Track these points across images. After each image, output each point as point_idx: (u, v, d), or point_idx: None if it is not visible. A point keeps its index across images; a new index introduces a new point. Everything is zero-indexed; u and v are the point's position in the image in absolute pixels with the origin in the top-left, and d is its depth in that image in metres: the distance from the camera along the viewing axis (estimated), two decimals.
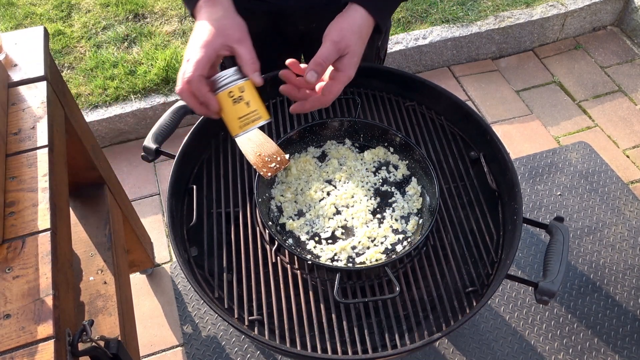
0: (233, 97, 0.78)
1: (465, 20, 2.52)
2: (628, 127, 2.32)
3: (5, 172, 0.83)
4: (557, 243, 0.92)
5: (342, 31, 0.80)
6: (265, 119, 0.80)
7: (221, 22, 0.79)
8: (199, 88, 0.76)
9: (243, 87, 0.78)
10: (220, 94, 0.78)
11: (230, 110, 0.78)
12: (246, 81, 0.79)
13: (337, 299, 0.83)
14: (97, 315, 1.10)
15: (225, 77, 0.78)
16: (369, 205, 0.99)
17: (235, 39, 0.79)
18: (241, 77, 0.79)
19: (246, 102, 0.78)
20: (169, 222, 0.94)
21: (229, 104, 0.78)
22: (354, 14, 0.83)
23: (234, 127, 0.80)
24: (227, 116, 0.80)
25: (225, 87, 0.78)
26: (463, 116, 1.12)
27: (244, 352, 1.62)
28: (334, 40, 0.80)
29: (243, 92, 0.78)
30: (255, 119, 0.79)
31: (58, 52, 2.35)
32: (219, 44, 0.78)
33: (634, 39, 2.71)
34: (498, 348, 1.65)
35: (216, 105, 0.78)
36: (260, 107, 0.80)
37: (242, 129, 0.80)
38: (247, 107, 0.78)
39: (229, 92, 0.78)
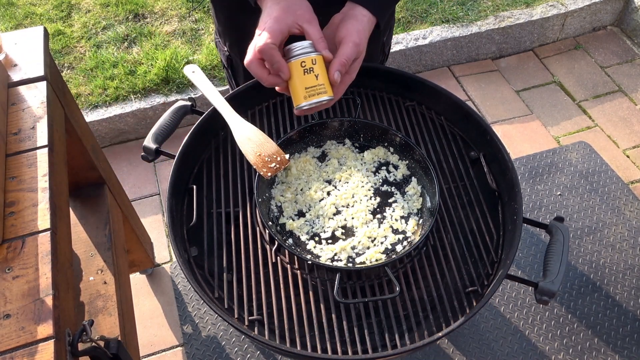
0: (305, 67, 0.80)
1: (465, 20, 2.52)
2: (628, 127, 2.32)
3: (5, 172, 0.83)
4: (557, 243, 0.92)
5: (360, 34, 0.82)
6: (330, 95, 0.82)
7: (291, 1, 0.81)
8: (272, 55, 0.78)
9: (315, 59, 0.80)
10: (293, 62, 0.80)
11: (299, 79, 0.81)
12: (319, 55, 0.81)
13: (337, 299, 0.83)
14: (97, 315, 1.10)
15: (300, 48, 0.80)
16: (369, 205, 0.99)
17: (305, 19, 0.80)
18: (314, 51, 0.80)
19: (315, 74, 0.80)
20: (169, 222, 0.94)
21: (299, 72, 0.80)
22: (362, 17, 0.84)
23: (298, 96, 0.82)
24: (294, 84, 0.81)
25: (299, 56, 0.80)
26: (463, 116, 1.12)
27: (244, 352, 1.62)
28: (355, 42, 0.81)
29: (314, 65, 0.80)
30: (321, 92, 0.81)
31: (58, 52, 2.35)
32: (291, 21, 0.79)
33: (634, 39, 2.71)
34: (498, 348, 1.65)
35: (287, 72, 0.80)
36: (327, 83, 0.82)
37: (307, 99, 0.81)
38: (315, 79, 0.80)
39: (301, 62, 0.80)
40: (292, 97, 0.83)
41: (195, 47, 2.41)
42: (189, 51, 2.35)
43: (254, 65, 0.80)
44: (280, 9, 0.80)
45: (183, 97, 2.21)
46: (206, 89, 1.06)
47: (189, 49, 2.37)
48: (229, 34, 1.19)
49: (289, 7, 0.80)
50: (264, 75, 0.81)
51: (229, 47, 1.22)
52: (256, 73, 0.81)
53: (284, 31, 0.79)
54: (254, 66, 0.80)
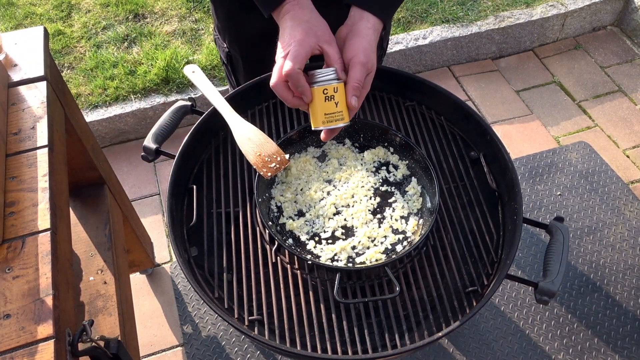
0: (327, 94, 0.84)
1: (465, 20, 2.52)
2: (628, 127, 2.32)
3: (5, 172, 0.83)
4: (557, 243, 0.92)
5: (366, 51, 0.84)
6: (346, 122, 0.86)
7: (311, 22, 0.84)
8: (299, 79, 0.81)
9: (337, 87, 0.84)
10: (316, 88, 0.84)
11: (320, 105, 0.84)
12: (340, 83, 0.84)
13: (337, 299, 0.83)
14: (97, 315, 1.10)
15: (325, 75, 0.83)
16: (369, 205, 0.99)
17: (325, 40, 0.84)
18: (337, 79, 0.84)
19: (336, 102, 0.84)
20: (169, 222, 0.94)
21: (321, 99, 0.84)
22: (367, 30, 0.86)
23: (317, 120, 0.86)
24: (314, 109, 0.85)
25: (322, 83, 0.83)
26: (463, 116, 1.12)
27: (244, 352, 1.62)
28: (362, 62, 0.83)
29: (336, 93, 0.84)
30: (339, 119, 0.85)
31: (58, 52, 2.35)
32: (313, 43, 0.82)
33: (634, 39, 2.71)
34: (498, 348, 1.65)
35: (310, 96, 0.84)
36: (345, 110, 0.86)
37: (325, 124, 0.86)
38: (335, 107, 0.84)
39: (324, 89, 0.83)
40: (310, 118, 0.87)
41: (195, 47, 2.41)
42: (189, 51, 2.35)
43: (279, 88, 0.84)
44: (302, 31, 0.83)
45: (183, 97, 2.21)
46: (206, 89, 1.06)
47: (189, 49, 2.37)
48: (229, 30, 1.19)
49: (310, 28, 0.83)
50: (289, 97, 0.85)
51: (228, 43, 1.22)
52: (281, 95, 0.85)
53: (307, 54, 0.82)
54: (279, 88, 0.84)
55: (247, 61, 1.24)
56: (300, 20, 0.84)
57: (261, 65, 1.13)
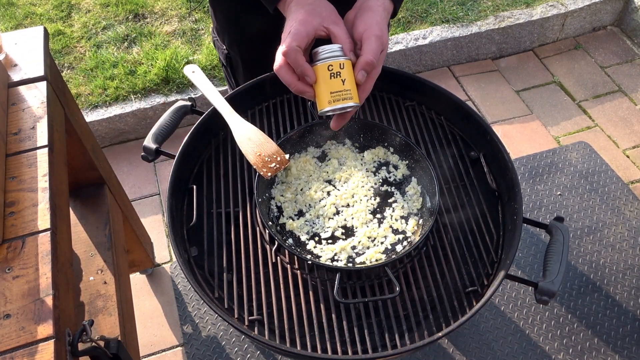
0: (332, 70, 0.77)
1: (465, 20, 2.52)
2: (628, 127, 2.32)
3: (5, 172, 0.83)
4: (557, 243, 0.92)
5: (380, 25, 0.79)
6: (356, 102, 0.79)
7: (315, 4, 0.79)
8: (297, 58, 0.76)
9: (343, 64, 0.77)
10: (319, 65, 0.77)
11: (325, 83, 0.77)
12: (347, 59, 0.78)
13: (337, 299, 0.83)
14: (97, 315, 1.10)
15: (328, 51, 0.77)
16: (369, 205, 0.99)
17: (331, 20, 0.79)
18: (343, 55, 0.78)
19: (342, 79, 0.77)
20: (169, 222, 0.94)
21: (325, 76, 0.77)
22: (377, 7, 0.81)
23: (323, 101, 0.79)
24: (319, 88, 0.78)
25: (326, 60, 0.77)
26: (463, 116, 1.12)
27: (244, 352, 1.62)
28: (377, 35, 0.78)
29: (342, 69, 0.77)
30: (347, 97, 0.78)
31: (58, 52, 2.35)
32: (317, 23, 0.77)
33: (634, 39, 2.71)
34: (498, 348, 1.65)
35: (313, 74, 0.77)
36: (354, 89, 0.78)
37: (331, 104, 0.78)
38: (342, 84, 0.77)
39: (328, 65, 0.77)
40: (316, 102, 0.80)
41: (195, 47, 2.41)
42: (189, 51, 2.35)
43: (283, 71, 0.78)
44: (305, 12, 0.78)
45: (183, 97, 2.21)
46: (206, 89, 1.06)
47: (189, 49, 2.37)
48: (228, 32, 1.19)
49: (314, 9, 0.79)
50: (293, 81, 0.79)
51: (227, 45, 1.22)
52: (285, 78, 0.79)
53: (310, 33, 0.77)
54: (283, 71, 0.78)
55: (246, 62, 1.23)
56: (304, 4, 0.79)
57: (261, 66, 1.13)
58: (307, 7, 0.79)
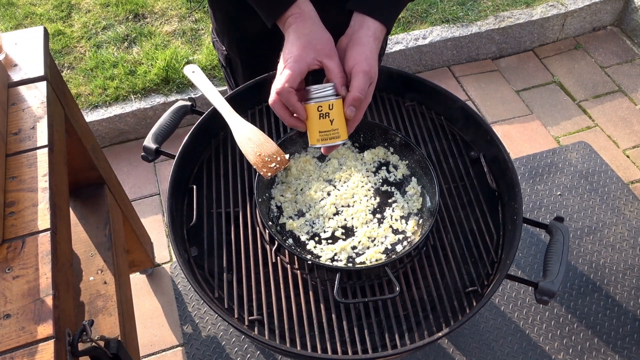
0: (321, 111, 0.81)
1: (465, 20, 2.52)
2: (628, 127, 2.32)
3: (5, 172, 0.83)
4: (557, 243, 0.92)
5: (369, 60, 0.82)
6: (343, 139, 0.83)
7: (311, 36, 0.82)
8: (288, 98, 0.79)
9: (332, 104, 0.81)
10: (310, 105, 0.81)
11: (314, 122, 0.82)
12: (337, 99, 0.81)
13: (337, 299, 0.83)
14: (97, 315, 1.10)
15: (319, 91, 0.81)
16: (369, 205, 0.99)
17: (325, 54, 0.81)
18: (333, 95, 0.81)
19: (331, 119, 0.81)
20: (169, 222, 0.94)
21: (315, 116, 0.81)
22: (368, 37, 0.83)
23: (312, 137, 0.84)
24: (310, 126, 0.83)
25: (316, 100, 0.81)
26: (463, 116, 1.12)
27: (244, 352, 1.62)
28: (365, 70, 0.81)
29: (331, 110, 0.81)
30: (334, 137, 0.82)
31: (58, 52, 2.35)
32: (311, 58, 0.80)
33: (634, 39, 2.71)
34: (498, 348, 1.65)
35: (304, 113, 0.81)
36: (342, 127, 0.83)
37: (319, 142, 0.83)
38: (330, 124, 0.82)
39: (318, 106, 0.81)
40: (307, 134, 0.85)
41: (195, 47, 2.41)
42: (189, 51, 2.35)
43: (277, 106, 0.81)
44: (300, 46, 0.81)
45: (183, 97, 2.21)
46: (206, 89, 1.06)
47: (189, 49, 2.37)
48: (227, 33, 1.19)
49: (310, 42, 0.81)
50: (286, 117, 0.83)
51: (227, 46, 1.22)
52: (279, 113, 0.82)
53: (303, 71, 0.80)
54: (277, 107, 0.81)
55: (245, 63, 1.23)
56: (300, 34, 0.82)
57: (260, 67, 1.13)
58: (303, 40, 0.81)
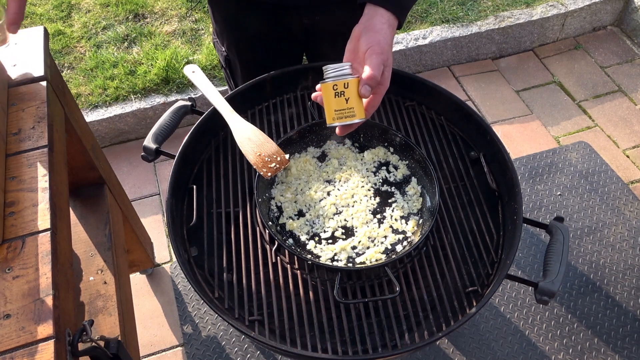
0: (336, 90, 0.82)
1: (465, 20, 2.52)
2: (628, 127, 2.32)
3: (5, 172, 0.83)
4: (557, 243, 0.92)
5: (381, 44, 0.82)
6: (359, 118, 0.84)
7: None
8: None
9: (348, 83, 0.82)
10: (326, 84, 0.83)
11: (330, 101, 0.83)
12: (352, 79, 0.82)
13: (337, 299, 0.83)
14: (97, 315, 1.10)
15: (335, 70, 0.82)
16: (369, 205, 0.99)
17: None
18: (349, 74, 0.82)
19: (346, 98, 0.82)
20: (169, 222, 0.94)
21: (330, 95, 0.83)
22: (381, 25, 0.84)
23: (329, 117, 0.85)
24: (326, 105, 0.84)
25: (332, 78, 0.82)
26: (463, 116, 1.12)
27: (244, 352, 1.62)
28: (378, 52, 0.81)
29: (346, 89, 0.82)
30: (349, 115, 0.83)
31: (58, 52, 2.35)
32: None
33: (634, 39, 2.71)
34: (498, 348, 1.65)
35: None
36: (358, 107, 0.83)
37: (335, 121, 0.84)
38: (345, 103, 0.83)
39: (333, 85, 0.82)
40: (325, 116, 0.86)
41: (195, 47, 2.41)
42: (189, 51, 2.35)
43: None
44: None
45: (183, 97, 2.21)
46: (206, 89, 1.06)
47: (189, 49, 2.37)
48: (226, 33, 1.19)
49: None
50: None
51: (226, 47, 1.22)
52: None
53: None
54: None
55: (244, 64, 1.24)
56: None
57: (259, 68, 1.13)
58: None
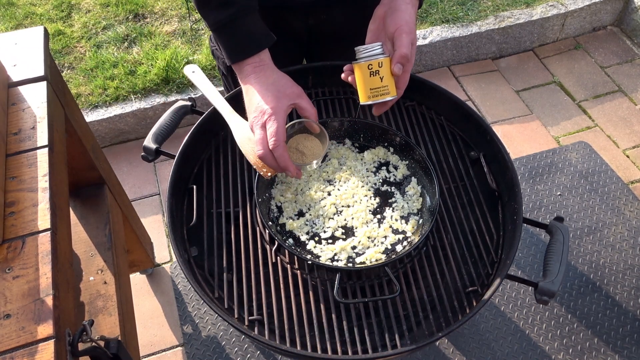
0: (371, 69, 0.85)
1: (465, 20, 2.52)
2: (628, 127, 2.32)
3: (5, 172, 0.83)
4: (557, 243, 0.92)
5: (409, 24, 0.85)
6: (392, 95, 0.87)
7: (278, 83, 0.87)
8: (281, 156, 0.83)
9: (382, 62, 0.84)
10: (360, 64, 0.85)
11: (365, 80, 0.86)
12: (386, 57, 0.85)
13: (337, 299, 0.83)
14: (97, 315, 1.10)
15: (369, 50, 0.84)
16: (369, 205, 0.99)
17: (296, 95, 0.87)
18: (382, 54, 0.85)
19: (381, 76, 0.85)
20: (169, 222, 0.94)
21: (365, 74, 0.85)
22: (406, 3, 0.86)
23: (363, 95, 0.87)
24: (360, 85, 0.87)
25: (367, 59, 0.84)
26: (463, 116, 1.12)
27: (244, 352, 1.62)
28: (407, 32, 0.84)
29: (381, 67, 0.84)
30: (384, 93, 0.86)
31: (58, 52, 2.35)
32: (286, 106, 0.85)
33: (634, 39, 2.71)
34: (498, 348, 1.65)
35: (294, 171, 0.86)
36: (391, 84, 0.86)
37: (371, 99, 0.87)
38: (380, 81, 0.85)
39: (368, 65, 0.84)
40: (358, 93, 0.88)
41: (195, 47, 2.41)
42: (189, 51, 2.35)
43: (268, 158, 0.85)
44: (273, 96, 0.85)
45: (183, 97, 2.21)
46: (206, 89, 1.06)
47: (189, 49, 2.37)
48: None
49: (279, 90, 0.86)
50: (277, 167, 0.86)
51: None
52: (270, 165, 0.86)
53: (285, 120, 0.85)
54: (268, 159, 0.85)
55: None
56: (266, 84, 0.86)
57: None
58: (272, 89, 0.86)
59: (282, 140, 0.83)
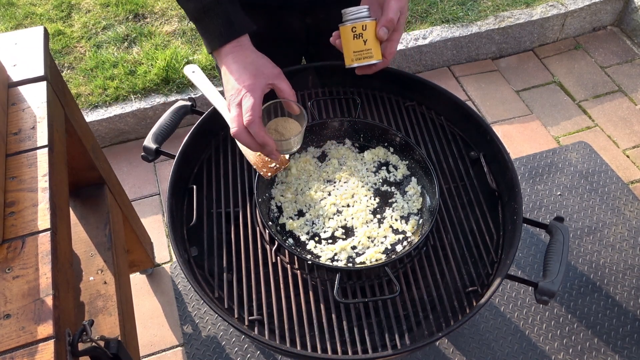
0: (355, 32, 0.85)
1: (465, 20, 2.52)
2: (628, 127, 2.32)
3: (5, 172, 0.83)
4: (557, 243, 0.92)
5: None
6: (377, 59, 0.87)
7: (256, 63, 0.86)
8: (258, 132, 0.82)
9: (366, 25, 0.84)
10: (344, 27, 0.85)
11: (348, 43, 0.86)
12: (371, 21, 0.85)
13: (337, 299, 0.83)
14: (97, 315, 1.10)
15: (354, 13, 0.85)
16: (369, 205, 0.99)
17: (273, 76, 0.86)
18: (368, 17, 0.85)
19: (364, 39, 0.85)
20: (169, 222, 0.94)
21: (349, 37, 0.86)
22: None
23: (347, 59, 0.88)
24: (345, 47, 0.87)
25: (351, 21, 0.85)
26: (463, 116, 1.12)
27: (244, 352, 1.62)
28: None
29: (364, 31, 0.85)
30: (368, 56, 0.86)
31: (58, 52, 2.35)
32: (263, 84, 0.84)
33: (634, 39, 2.71)
34: (498, 348, 1.65)
35: (272, 145, 0.83)
36: (375, 48, 0.86)
37: (354, 62, 0.87)
38: (363, 44, 0.86)
39: (352, 27, 0.85)
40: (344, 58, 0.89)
41: (195, 47, 2.41)
42: (189, 51, 2.35)
43: (243, 136, 0.83)
44: (250, 74, 0.84)
45: (183, 97, 2.21)
46: (206, 89, 1.06)
47: (189, 49, 2.37)
48: None
49: (257, 69, 0.85)
50: (253, 144, 0.84)
51: None
52: (245, 142, 0.84)
53: (261, 99, 0.83)
54: (243, 136, 0.83)
55: None
56: (244, 63, 0.85)
57: None
58: (250, 68, 0.85)
59: (258, 116, 0.81)
